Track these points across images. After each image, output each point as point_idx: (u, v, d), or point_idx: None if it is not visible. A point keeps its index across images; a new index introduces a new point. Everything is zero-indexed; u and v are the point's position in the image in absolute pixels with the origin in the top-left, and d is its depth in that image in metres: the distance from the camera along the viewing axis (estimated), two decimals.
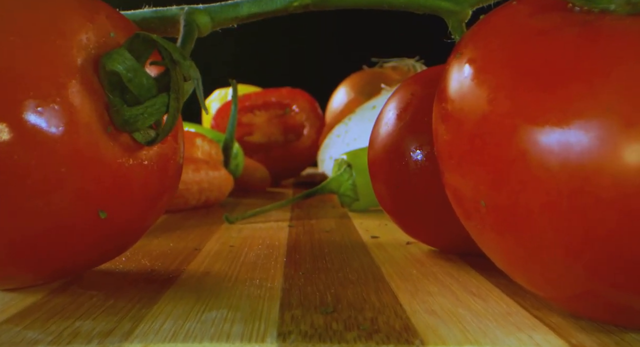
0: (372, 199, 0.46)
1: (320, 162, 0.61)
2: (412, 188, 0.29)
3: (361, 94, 0.66)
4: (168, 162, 0.25)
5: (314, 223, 0.41)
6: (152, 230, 0.37)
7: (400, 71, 0.69)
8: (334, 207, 0.50)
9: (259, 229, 0.38)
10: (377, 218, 0.44)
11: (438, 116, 0.22)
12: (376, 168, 0.31)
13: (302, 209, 0.48)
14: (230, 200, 0.54)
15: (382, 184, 0.31)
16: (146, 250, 0.31)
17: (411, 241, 0.34)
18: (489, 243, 0.20)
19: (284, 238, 0.35)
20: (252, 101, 0.72)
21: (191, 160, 0.46)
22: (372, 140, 0.32)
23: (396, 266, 0.28)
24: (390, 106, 0.31)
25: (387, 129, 0.30)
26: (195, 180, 0.45)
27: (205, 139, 0.52)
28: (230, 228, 0.39)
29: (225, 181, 0.48)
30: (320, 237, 0.36)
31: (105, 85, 0.21)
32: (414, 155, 0.29)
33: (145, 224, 0.24)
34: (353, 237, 0.36)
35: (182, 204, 0.45)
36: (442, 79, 0.22)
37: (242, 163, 0.59)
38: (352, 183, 0.46)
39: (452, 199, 0.22)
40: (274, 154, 0.70)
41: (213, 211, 0.47)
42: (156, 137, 0.23)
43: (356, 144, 0.59)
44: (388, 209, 0.31)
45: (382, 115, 0.31)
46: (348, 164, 0.46)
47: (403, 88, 0.31)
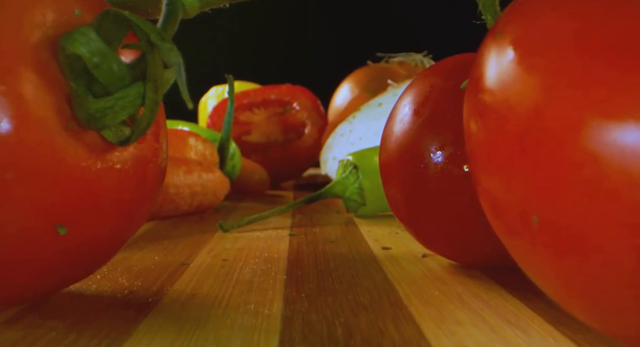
0: (380, 204, 0.42)
1: (322, 163, 0.57)
2: (431, 195, 0.25)
3: (366, 91, 0.62)
4: (147, 165, 0.21)
5: (318, 231, 0.37)
6: (136, 240, 0.33)
7: (408, 66, 0.65)
8: (339, 213, 0.46)
9: (256, 239, 0.34)
10: (386, 225, 0.40)
11: (472, 111, 0.18)
12: (389, 171, 0.27)
13: (304, 215, 0.44)
14: (226, 204, 0.50)
15: (396, 190, 0.27)
16: (126, 265, 0.27)
17: (427, 252, 0.31)
18: (539, 266, 0.16)
19: (284, 250, 0.31)
20: (251, 98, 0.68)
21: (183, 161, 0.42)
22: (385, 140, 0.28)
23: (414, 285, 0.24)
24: (406, 101, 0.27)
25: (403, 127, 0.26)
26: (187, 183, 0.41)
27: (199, 139, 0.48)
28: (225, 237, 0.35)
29: (220, 184, 0.45)
30: (324, 248, 0.32)
31: (66, 72, 0.17)
32: (435, 156, 0.25)
33: (119, 239, 0.21)
34: (362, 249, 0.32)
35: (172, 209, 0.41)
36: (476, 65, 0.18)
37: (239, 164, 0.55)
38: (358, 186, 0.42)
39: (488, 210, 0.18)
40: (273, 154, 0.66)
41: (206, 217, 0.43)
42: (131, 135, 0.19)
43: (361, 144, 0.55)
44: (402, 217, 0.27)
45: (396, 111, 0.28)
46: (354, 166, 0.42)
47: (420, 80, 0.27)
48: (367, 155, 0.43)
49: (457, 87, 0.25)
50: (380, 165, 0.28)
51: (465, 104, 0.19)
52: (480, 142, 0.17)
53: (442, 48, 0.67)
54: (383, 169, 0.28)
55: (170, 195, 0.40)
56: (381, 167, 0.28)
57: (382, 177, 0.28)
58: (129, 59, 0.20)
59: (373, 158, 0.43)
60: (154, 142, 0.22)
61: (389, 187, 0.28)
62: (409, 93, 0.27)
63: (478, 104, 0.17)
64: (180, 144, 0.46)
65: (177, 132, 0.47)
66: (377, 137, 0.56)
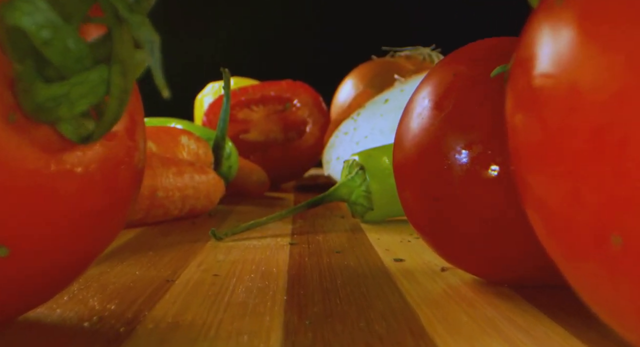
0: (389, 208, 0.39)
1: (325, 164, 0.53)
2: (456, 201, 0.21)
3: (371, 87, 0.58)
4: (118, 167, 0.17)
5: (321, 240, 0.34)
6: (118, 250, 0.30)
7: (415, 61, 0.61)
8: (343, 218, 0.42)
9: (252, 249, 0.31)
10: (396, 232, 0.36)
11: (519, 101, 0.14)
12: (406, 173, 0.24)
13: (305, 220, 0.41)
14: (222, 208, 0.47)
15: (413, 194, 0.23)
16: (101, 282, 0.23)
17: (446, 265, 0.27)
18: (617, 298, 0.12)
19: (284, 262, 0.27)
20: (249, 95, 0.65)
21: (173, 161, 0.38)
22: (400, 137, 0.24)
23: (436, 307, 0.21)
24: (425, 92, 0.23)
25: (422, 123, 0.23)
26: (177, 186, 0.37)
27: (193, 137, 0.44)
28: (218, 247, 0.31)
29: (214, 186, 0.41)
30: (330, 260, 0.28)
31: (7, 49, 0.14)
32: (460, 157, 0.21)
33: (82, 258, 0.17)
34: (371, 261, 0.28)
35: (162, 214, 0.37)
36: (524, 45, 0.15)
37: (236, 164, 0.51)
38: (365, 189, 0.38)
39: (541, 225, 0.14)
40: (272, 154, 0.62)
41: (199, 223, 0.39)
42: (95, 130, 0.15)
43: (367, 143, 0.52)
44: (420, 226, 0.24)
45: (413, 105, 0.24)
46: (360, 167, 0.39)
47: (441, 68, 0.24)
48: (375, 156, 0.39)
49: (486, 76, 0.21)
50: (395, 167, 0.25)
51: (508, 94, 0.15)
52: (533, 141, 0.13)
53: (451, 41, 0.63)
54: (398, 170, 0.24)
55: (158, 199, 0.36)
56: (396, 168, 0.25)
57: (397, 179, 0.25)
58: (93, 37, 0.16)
59: (381, 158, 0.39)
60: (128, 140, 0.18)
61: (404, 191, 0.24)
62: (428, 84, 0.24)
63: (529, 92, 0.14)
64: (171, 143, 0.42)
65: (167, 130, 0.43)
66: (384, 136, 0.52)
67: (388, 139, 0.50)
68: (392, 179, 0.38)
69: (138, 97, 0.19)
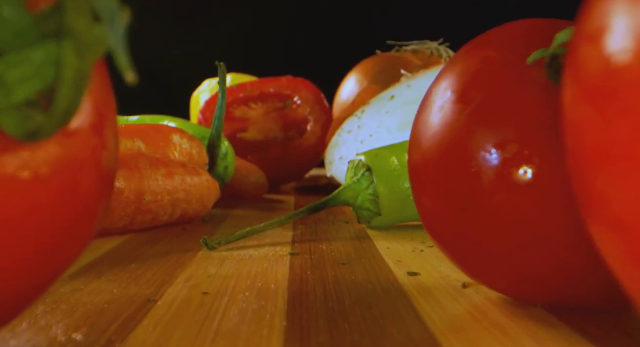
0: (398, 214, 0.35)
1: (327, 164, 0.50)
2: (486, 211, 0.18)
3: (376, 82, 0.55)
4: (80, 171, 0.14)
5: (325, 248, 0.30)
6: (97, 262, 0.27)
7: (422, 55, 0.58)
8: (348, 223, 0.39)
9: (248, 260, 0.27)
10: (406, 239, 0.33)
11: (587, 87, 0.11)
12: (425, 177, 0.20)
13: (307, 226, 0.37)
14: (217, 212, 0.43)
15: (434, 202, 0.20)
16: (72, 302, 0.20)
17: (467, 280, 0.24)
18: None
19: (284, 276, 0.24)
20: (247, 92, 0.61)
21: (162, 162, 0.35)
22: (417, 135, 0.21)
23: (464, 335, 0.17)
24: (446, 83, 0.20)
25: (444, 118, 0.19)
26: (167, 189, 0.34)
27: (185, 136, 0.41)
28: (210, 258, 0.28)
29: (208, 189, 0.38)
30: (335, 274, 0.25)
31: None
32: (491, 158, 0.18)
33: (36, 282, 0.14)
34: (383, 275, 0.25)
35: (149, 220, 0.34)
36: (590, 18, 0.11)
37: (232, 165, 0.48)
38: (372, 192, 0.35)
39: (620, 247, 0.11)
40: (271, 154, 0.59)
41: (191, 229, 0.36)
42: (43, 124, 0.12)
43: (372, 142, 0.48)
44: (441, 237, 0.21)
45: (432, 98, 0.21)
46: (367, 168, 0.35)
47: (466, 54, 0.21)
48: (383, 156, 0.36)
49: (521, 61, 0.18)
50: (411, 169, 0.21)
51: (567, 81, 0.12)
52: (611, 139, 0.10)
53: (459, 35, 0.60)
54: (415, 173, 0.21)
55: (145, 203, 0.33)
56: (412, 171, 0.21)
57: (413, 183, 0.21)
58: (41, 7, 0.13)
59: (389, 158, 0.36)
60: (93, 137, 0.15)
61: (423, 197, 0.21)
62: (450, 72, 0.20)
63: (604, 76, 0.10)
64: (162, 142, 0.39)
65: (158, 128, 0.40)
66: (390, 134, 0.49)
67: (395, 137, 0.47)
68: (401, 181, 0.35)
69: (107, 86, 0.16)
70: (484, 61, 0.19)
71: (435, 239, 0.21)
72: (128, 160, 0.33)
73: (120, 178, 0.31)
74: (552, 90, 0.17)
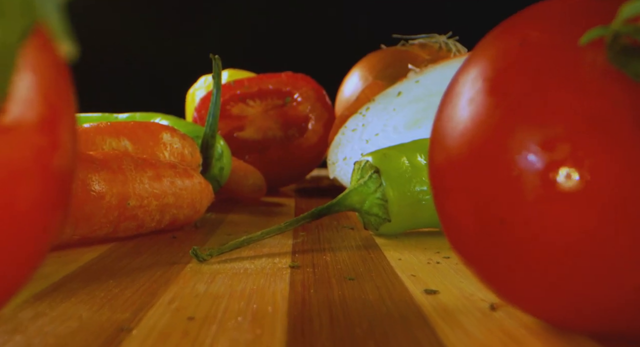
0: (409, 220, 0.32)
1: (330, 165, 0.47)
2: (530, 224, 0.15)
3: (381, 78, 0.52)
4: (18, 175, 0.11)
5: (329, 260, 0.27)
6: (70, 278, 0.23)
7: (430, 50, 0.55)
8: (353, 229, 0.36)
9: (243, 274, 0.24)
10: (418, 248, 0.30)
11: None
12: (451, 182, 0.17)
13: (309, 233, 0.34)
14: (211, 217, 0.40)
15: (463, 213, 0.17)
16: (28, 334, 0.17)
17: (495, 300, 0.21)
18: None
19: (283, 297, 0.21)
20: (245, 88, 0.58)
21: (149, 163, 0.32)
22: (441, 133, 0.18)
23: None
24: (477, 70, 0.17)
25: (476, 113, 0.16)
26: (154, 192, 0.31)
27: (177, 134, 0.38)
28: (199, 271, 0.25)
29: (200, 193, 0.35)
30: (342, 293, 0.22)
31: None
32: (537, 161, 0.15)
33: None
34: (397, 294, 0.22)
35: (135, 228, 0.31)
36: None
37: (228, 166, 0.45)
38: (380, 197, 0.32)
39: None
40: (270, 154, 0.56)
41: (181, 237, 0.33)
42: None
43: (378, 141, 0.45)
44: (472, 254, 0.17)
45: (458, 89, 0.18)
46: (375, 170, 0.32)
47: (501, 35, 0.17)
48: (392, 156, 0.33)
49: (572, 42, 0.15)
50: (433, 172, 0.18)
51: None
52: None
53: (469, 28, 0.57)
54: (438, 177, 0.18)
55: (130, 209, 0.30)
56: (434, 174, 0.18)
57: (436, 189, 0.18)
58: None
59: (399, 159, 0.33)
60: (39, 135, 0.12)
61: (448, 206, 0.17)
62: (481, 57, 0.17)
63: None
64: (150, 141, 0.36)
65: (146, 126, 0.37)
66: (398, 133, 0.46)
67: (403, 136, 0.44)
68: (412, 184, 0.32)
69: (63, 75, 0.13)
70: (524, 43, 0.16)
71: (461, 254, 0.18)
72: (110, 162, 0.29)
73: (101, 181, 0.28)
74: (613, 78, 0.14)
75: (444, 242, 0.32)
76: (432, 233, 0.34)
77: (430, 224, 0.34)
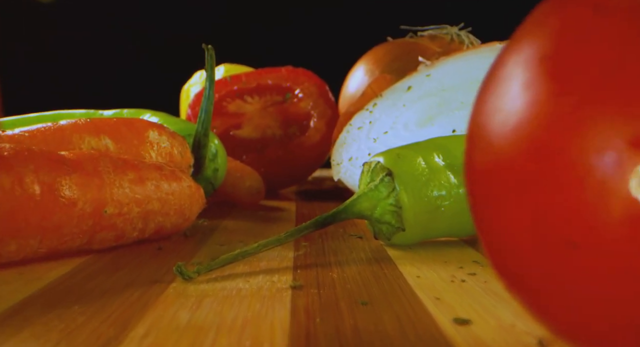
0: (426, 229, 0.29)
1: (334, 166, 0.43)
2: (615, 251, 0.11)
3: (389, 72, 0.48)
4: None
5: (336, 278, 0.23)
6: (27, 303, 0.20)
7: (441, 42, 0.51)
8: (362, 238, 0.32)
9: (236, 297, 0.20)
10: (437, 262, 0.26)
11: None
12: (500, 192, 0.13)
13: (312, 242, 0.30)
14: (203, 224, 0.36)
15: (518, 230, 0.13)
16: None
17: (543, 335, 0.17)
18: None
19: (283, 330, 0.17)
20: (242, 84, 0.54)
21: (130, 165, 0.28)
22: (485, 126, 0.14)
23: None
24: (531, 48, 0.13)
25: (535, 102, 0.12)
26: (136, 198, 0.27)
27: (165, 132, 0.34)
28: (184, 294, 0.21)
29: (190, 197, 0.31)
30: (355, 323, 0.18)
31: None
32: (623, 165, 0.11)
33: None
34: (421, 325, 0.18)
35: (113, 238, 0.27)
36: None
37: (223, 167, 0.41)
38: (394, 203, 0.28)
39: None
40: (270, 154, 0.52)
41: (168, 248, 0.29)
42: None
43: (387, 140, 0.41)
44: (524, 282, 0.14)
45: (505, 72, 0.14)
46: (387, 172, 0.28)
47: (561, 4, 0.13)
48: (406, 156, 0.29)
49: None
50: (473, 176, 0.14)
51: None
52: None
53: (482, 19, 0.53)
54: (480, 183, 0.14)
55: (107, 217, 0.26)
56: (475, 179, 0.14)
57: (476, 198, 0.14)
58: None
59: (415, 160, 0.29)
60: None
61: (495, 220, 0.14)
62: (539, 32, 0.13)
63: None
64: (135, 140, 0.32)
65: (130, 123, 0.33)
66: (409, 131, 0.42)
67: (414, 135, 0.40)
68: (429, 188, 0.28)
69: None
70: (598, 9, 0.12)
71: (506, 278, 0.14)
72: (85, 163, 0.26)
73: (73, 186, 0.24)
74: None
75: (465, 254, 0.28)
76: (449, 243, 0.31)
77: (449, 234, 0.30)
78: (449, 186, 0.28)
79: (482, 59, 0.42)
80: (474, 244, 0.30)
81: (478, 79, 0.41)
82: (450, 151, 0.30)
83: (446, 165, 0.29)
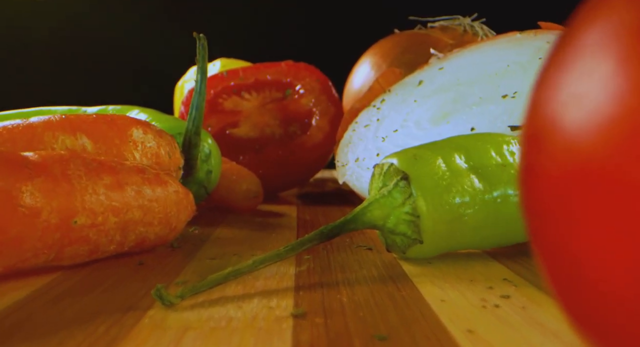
0: (447, 240, 0.25)
1: (339, 168, 0.40)
2: None
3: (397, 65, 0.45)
4: None
5: (346, 302, 0.20)
6: None
7: (453, 33, 0.48)
8: (372, 250, 0.28)
9: (224, 331, 0.17)
10: (462, 281, 0.22)
11: None
12: (586, 207, 0.10)
13: (315, 256, 0.27)
14: (194, 232, 0.33)
15: (611, 263, 0.09)
16: None
17: None
18: None
19: None
20: (239, 79, 0.51)
21: (107, 167, 0.24)
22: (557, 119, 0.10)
23: None
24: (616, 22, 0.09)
25: (631, 77, 0.09)
26: (113, 206, 0.24)
27: (151, 130, 0.30)
28: (162, 325, 0.17)
29: (177, 205, 0.27)
30: None
31: None
32: None
33: None
34: None
35: (86, 253, 0.23)
36: None
37: (218, 169, 0.38)
38: (410, 211, 0.24)
39: None
40: (269, 154, 0.49)
41: (150, 263, 0.25)
42: None
43: (397, 139, 0.38)
44: (614, 329, 0.10)
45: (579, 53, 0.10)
46: (402, 175, 0.25)
47: None
48: (425, 158, 0.25)
49: None
50: (536, 184, 0.11)
51: None
52: None
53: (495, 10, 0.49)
54: (548, 194, 0.10)
55: (78, 228, 0.22)
56: (539, 187, 0.11)
57: (540, 216, 0.11)
58: None
59: (434, 162, 0.25)
60: None
61: (572, 244, 0.10)
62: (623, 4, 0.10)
63: None
64: (116, 139, 0.28)
65: (111, 121, 0.29)
66: (421, 130, 0.38)
67: (429, 133, 0.36)
68: (451, 194, 0.24)
69: None
70: None
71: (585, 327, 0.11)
72: (51, 166, 0.22)
73: (36, 192, 0.21)
74: None
75: (492, 269, 0.24)
76: (472, 256, 0.27)
77: (471, 246, 0.26)
78: (473, 192, 0.25)
79: (501, 50, 0.39)
80: (499, 257, 0.27)
81: (497, 73, 0.37)
82: (471, 152, 0.26)
83: (469, 167, 0.25)
